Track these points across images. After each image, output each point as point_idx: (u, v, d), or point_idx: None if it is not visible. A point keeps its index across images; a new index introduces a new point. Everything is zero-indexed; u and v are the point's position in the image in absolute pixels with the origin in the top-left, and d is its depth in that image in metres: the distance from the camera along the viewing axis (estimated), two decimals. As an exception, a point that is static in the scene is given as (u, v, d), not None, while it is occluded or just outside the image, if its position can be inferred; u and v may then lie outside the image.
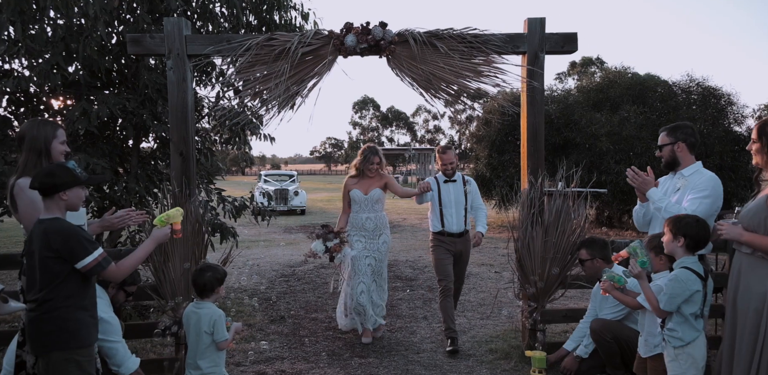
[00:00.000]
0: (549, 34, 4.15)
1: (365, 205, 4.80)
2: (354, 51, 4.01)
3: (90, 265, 2.32)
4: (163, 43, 3.93)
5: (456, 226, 4.79)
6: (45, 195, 2.36)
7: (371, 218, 4.81)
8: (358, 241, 4.76)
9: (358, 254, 4.70)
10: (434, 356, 4.44)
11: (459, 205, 4.82)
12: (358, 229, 4.80)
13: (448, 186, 4.87)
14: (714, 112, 12.21)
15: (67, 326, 2.35)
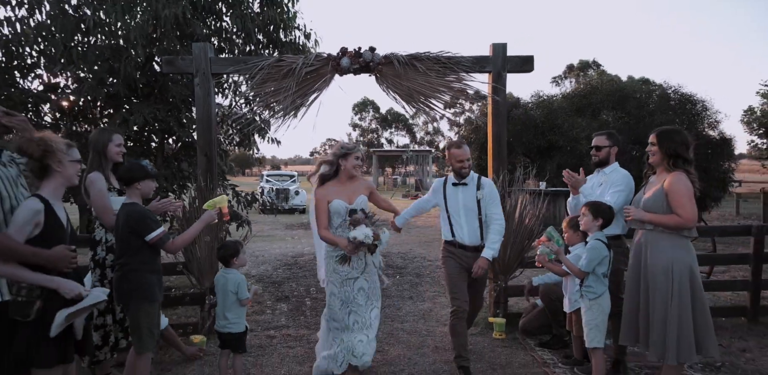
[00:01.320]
0: (510, 57, 5.02)
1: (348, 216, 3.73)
2: (348, 70, 4.88)
3: (155, 239, 3.15)
4: (191, 64, 4.80)
5: (468, 237, 3.97)
6: (126, 185, 3.22)
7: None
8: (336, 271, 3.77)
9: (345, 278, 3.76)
10: (415, 325, 5.30)
11: (470, 214, 3.98)
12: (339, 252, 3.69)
13: (457, 190, 4.03)
14: (689, 117, 13.09)
15: (140, 285, 3.18)
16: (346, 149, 3.80)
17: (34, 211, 2.57)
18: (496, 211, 4.04)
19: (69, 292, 2.58)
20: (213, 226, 4.66)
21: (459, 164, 4.01)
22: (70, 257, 2.66)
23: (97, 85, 5.17)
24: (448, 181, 4.11)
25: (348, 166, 3.79)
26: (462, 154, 4.00)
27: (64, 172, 2.71)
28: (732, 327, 5.13)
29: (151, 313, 3.24)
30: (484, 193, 4.00)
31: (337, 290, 3.75)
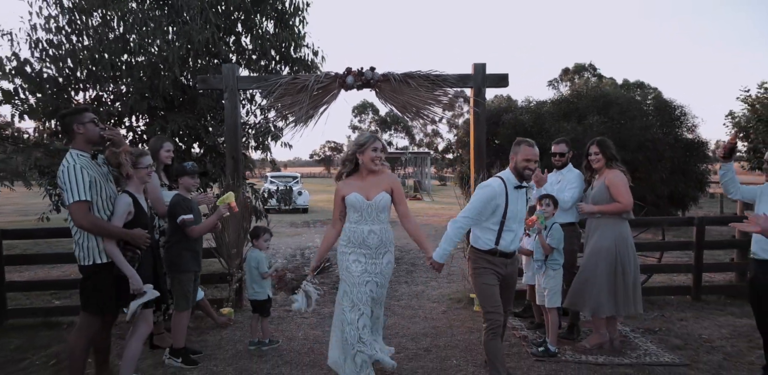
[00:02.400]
0: (489, 75, 5.95)
1: (368, 214, 3.65)
2: (352, 87, 5.80)
3: (180, 222, 4.11)
4: (221, 81, 5.73)
5: (513, 244, 3.70)
6: (174, 181, 4.18)
7: (375, 232, 3.66)
8: (357, 261, 3.66)
9: (358, 279, 3.62)
10: (409, 302, 6.22)
11: (521, 218, 3.72)
12: (357, 246, 3.66)
13: (519, 194, 3.65)
14: (667, 121, 14.04)
15: (176, 258, 4.14)
16: (360, 144, 3.66)
17: (127, 204, 3.50)
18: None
19: (135, 286, 3.42)
20: (239, 218, 5.58)
21: (525, 164, 3.56)
22: (145, 237, 3.57)
23: (140, 98, 6.10)
24: (507, 184, 3.57)
25: (365, 159, 3.63)
26: (534, 154, 3.57)
27: (137, 176, 3.64)
28: (677, 303, 6.06)
29: (183, 281, 4.19)
30: (531, 196, 3.95)
31: (349, 289, 3.62)
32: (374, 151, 3.64)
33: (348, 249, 3.71)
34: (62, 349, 4.50)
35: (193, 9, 6.29)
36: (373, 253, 3.67)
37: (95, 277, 3.47)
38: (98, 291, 3.46)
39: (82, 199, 3.38)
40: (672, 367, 4.12)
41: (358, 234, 3.67)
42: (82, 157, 3.54)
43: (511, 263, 3.76)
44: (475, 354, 4.41)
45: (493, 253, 3.64)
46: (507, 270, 3.71)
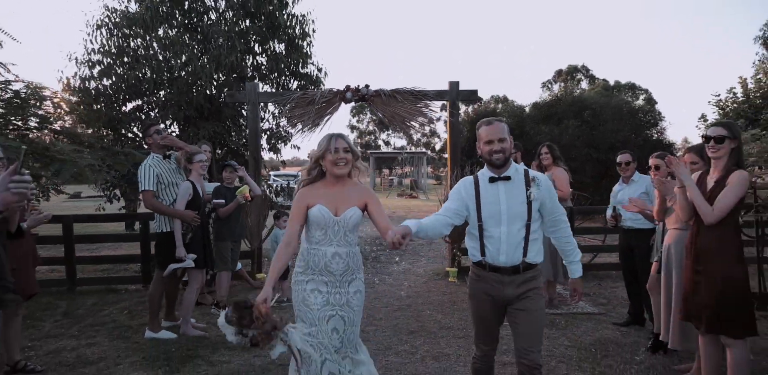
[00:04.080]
0: (461, 91, 7.34)
1: (335, 233, 2.88)
2: (351, 100, 7.18)
3: (213, 205, 5.48)
4: (245, 96, 7.11)
5: (506, 255, 2.75)
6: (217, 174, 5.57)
7: (341, 256, 2.88)
8: (316, 290, 2.87)
9: (317, 313, 2.84)
10: (398, 276, 7.59)
11: (515, 221, 2.74)
12: (318, 272, 2.87)
13: (496, 188, 2.78)
14: (637, 125, 15.46)
15: (216, 231, 5.53)
16: (321, 147, 2.88)
17: (186, 189, 4.87)
18: (559, 210, 2.84)
19: (178, 254, 4.73)
20: (259, 207, 6.96)
21: (488, 148, 2.72)
22: (193, 216, 4.91)
23: (178, 109, 7.49)
24: (481, 178, 2.80)
25: (327, 164, 2.86)
26: (490, 134, 2.72)
27: (194, 169, 5.01)
28: (615, 276, 7.43)
29: (221, 248, 5.58)
30: (541, 191, 2.73)
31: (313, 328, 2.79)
32: (335, 153, 2.82)
33: (305, 276, 2.86)
34: (129, 304, 5.88)
35: (221, 36, 7.67)
36: (336, 281, 2.84)
37: (164, 241, 4.84)
38: (163, 252, 4.83)
39: (147, 189, 4.77)
40: (591, 315, 5.50)
41: (319, 257, 2.82)
42: (155, 158, 4.92)
43: (513, 285, 2.72)
44: (444, 308, 5.79)
45: (482, 266, 2.79)
46: (506, 292, 2.73)
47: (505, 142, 2.72)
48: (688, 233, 3.35)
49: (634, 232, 4.93)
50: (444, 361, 4.17)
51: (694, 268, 3.20)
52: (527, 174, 2.78)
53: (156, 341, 4.67)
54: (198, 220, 4.98)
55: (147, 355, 4.34)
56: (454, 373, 3.94)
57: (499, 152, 2.70)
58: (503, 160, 2.72)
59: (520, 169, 2.79)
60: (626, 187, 5.35)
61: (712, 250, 3.12)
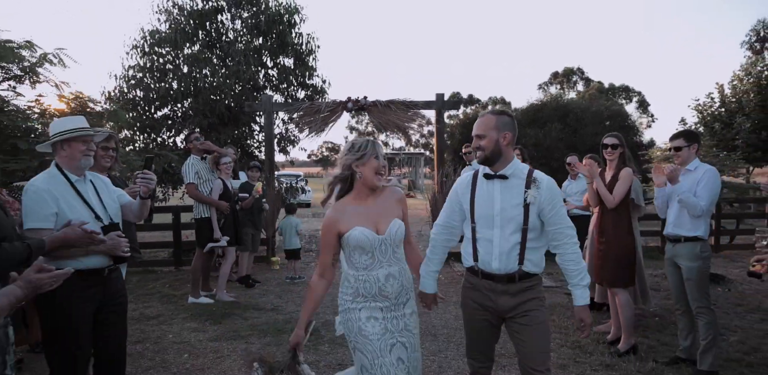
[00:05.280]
0: (446, 101, 8.57)
1: (383, 253, 2.48)
2: (351, 110, 8.40)
3: (237, 198, 6.68)
4: (261, 106, 8.33)
5: (498, 261, 2.49)
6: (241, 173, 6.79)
7: (395, 276, 2.50)
8: (372, 318, 2.49)
9: (378, 343, 2.45)
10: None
11: (509, 224, 2.47)
12: (371, 298, 2.50)
13: (492, 186, 2.52)
14: (618, 127, 16.69)
15: (242, 220, 6.73)
16: (361, 150, 2.47)
17: (219, 185, 6.08)
18: (565, 221, 2.50)
19: (215, 235, 5.96)
20: (276, 199, 8.18)
21: (475, 142, 2.52)
22: (226, 206, 6.13)
23: (203, 117, 8.72)
24: (480, 174, 2.58)
25: (367, 173, 2.46)
26: (474, 128, 2.55)
27: (222, 169, 6.22)
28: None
29: (242, 233, 6.72)
30: (541, 194, 2.44)
31: (369, 362, 2.44)
32: (378, 159, 2.47)
33: (356, 304, 2.52)
34: (168, 281, 7.11)
35: (238, 53, 8.91)
36: (392, 305, 2.51)
37: (203, 225, 6.05)
38: (203, 234, 6.04)
39: (191, 182, 5.99)
40: (549, 288, 6.70)
41: (371, 283, 2.47)
42: (194, 158, 6.14)
43: (506, 296, 2.49)
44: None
45: (474, 272, 2.57)
46: (500, 302, 2.50)
47: (482, 139, 2.45)
48: (595, 215, 4.57)
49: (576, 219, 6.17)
50: (423, 316, 5.38)
51: (600, 239, 4.43)
52: (530, 174, 2.45)
53: (198, 305, 5.89)
54: (229, 209, 6.20)
55: (193, 313, 5.56)
56: (428, 320, 5.17)
57: (478, 149, 2.49)
58: (482, 158, 2.48)
59: (522, 169, 2.48)
60: (574, 182, 6.57)
61: (611, 226, 4.35)
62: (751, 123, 19.13)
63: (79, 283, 2.46)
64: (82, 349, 2.68)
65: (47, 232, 2.54)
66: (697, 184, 3.82)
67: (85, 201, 2.74)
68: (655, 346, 4.45)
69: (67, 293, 2.36)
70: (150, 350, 4.46)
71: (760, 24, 33.26)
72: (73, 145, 2.73)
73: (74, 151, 2.74)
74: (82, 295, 2.61)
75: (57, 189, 2.67)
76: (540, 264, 2.54)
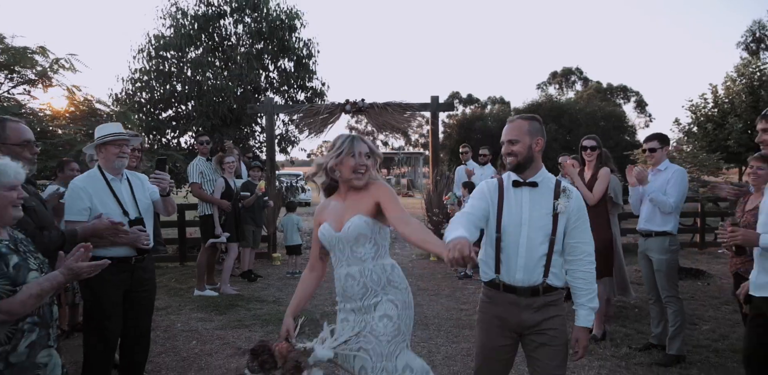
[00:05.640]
0: (441, 103, 8.89)
1: (341, 251, 2.40)
2: (349, 112, 8.73)
3: (238, 196, 7.00)
4: (263, 108, 8.65)
5: (523, 272, 2.38)
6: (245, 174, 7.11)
7: (354, 276, 2.38)
8: (344, 320, 2.43)
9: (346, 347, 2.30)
10: (388, 257, 9.13)
11: (537, 233, 2.37)
12: (342, 299, 2.47)
13: (520, 194, 2.43)
14: (611, 127, 17.03)
15: (243, 217, 7.06)
16: (337, 150, 2.38)
17: (221, 184, 6.40)
18: (586, 237, 2.42)
19: (216, 231, 6.28)
20: (277, 198, 8.50)
21: (503, 149, 2.45)
22: (227, 204, 6.46)
23: (206, 119, 9.06)
24: (505, 182, 2.47)
25: (344, 171, 2.37)
26: (504, 134, 2.46)
27: (225, 169, 6.54)
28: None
29: (244, 229, 7.05)
30: (571, 205, 2.36)
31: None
32: (356, 158, 2.35)
33: (339, 304, 2.49)
34: (174, 275, 7.43)
35: (241, 57, 9.24)
36: (361, 307, 2.37)
37: (206, 222, 6.37)
38: (206, 230, 6.37)
39: (194, 181, 6.32)
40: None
41: (338, 282, 2.44)
42: (200, 159, 6.47)
43: (529, 311, 2.37)
44: (423, 277, 7.34)
45: (495, 286, 2.43)
46: (523, 317, 2.37)
47: (516, 144, 2.37)
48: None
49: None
50: (416, 307, 5.68)
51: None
52: (558, 185, 2.39)
53: (203, 297, 6.21)
54: (230, 207, 6.53)
55: (200, 304, 5.89)
56: (421, 310, 5.51)
57: (510, 155, 2.40)
58: (514, 164, 2.39)
59: (550, 177, 2.42)
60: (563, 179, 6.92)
61: (591, 221, 4.66)
62: (743, 123, 19.48)
63: (109, 269, 2.80)
64: (109, 328, 3.06)
65: (81, 224, 2.90)
66: (667, 182, 4.16)
67: (117, 197, 3.09)
68: (632, 334, 4.78)
69: (98, 278, 2.69)
70: (161, 337, 4.79)
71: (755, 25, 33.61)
72: (108, 148, 3.10)
73: (109, 153, 3.12)
74: (111, 280, 2.96)
75: (93, 187, 3.06)
76: (562, 277, 2.42)
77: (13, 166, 2.11)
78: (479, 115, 18.49)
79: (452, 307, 5.75)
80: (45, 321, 2.17)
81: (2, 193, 2.08)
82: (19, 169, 2.12)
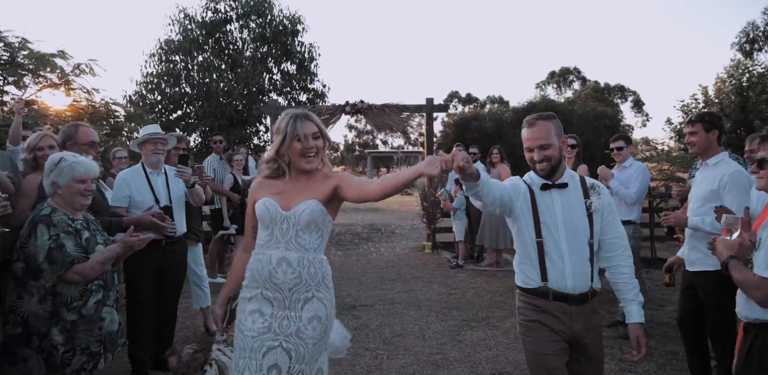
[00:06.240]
0: (435, 105, 9.44)
1: (283, 233, 2.15)
2: (349, 113, 9.28)
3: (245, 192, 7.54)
4: (269, 109, 9.20)
5: (573, 278, 2.24)
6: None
7: (290, 263, 2.14)
8: (256, 312, 2.15)
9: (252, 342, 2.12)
10: (386, 251, 9.67)
11: (576, 236, 2.26)
12: (262, 285, 2.16)
13: (551, 197, 2.30)
14: (602, 128, 17.60)
15: None
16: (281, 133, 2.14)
17: (230, 179, 6.94)
18: (620, 231, 2.33)
19: (224, 223, 6.85)
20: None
21: (528, 155, 2.31)
22: (236, 198, 7.00)
23: (214, 119, 9.61)
24: (531, 185, 2.33)
25: (293, 155, 2.15)
26: (529, 139, 2.29)
27: (234, 166, 7.08)
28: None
29: None
30: (601, 202, 2.28)
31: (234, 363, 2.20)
32: (302, 141, 2.12)
33: (248, 291, 2.19)
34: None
35: (246, 60, 9.79)
36: (285, 299, 2.13)
37: (216, 215, 6.92)
38: (215, 223, 6.92)
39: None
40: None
41: (263, 264, 2.14)
42: (214, 156, 7.03)
43: (579, 316, 2.24)
44: (418, 267, 7.89)
45: (543, 294, 2.26)
46: (574, 327, 2.23)
47: (549, 148, 2.21)
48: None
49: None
50: (410, 292, 6.27)
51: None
52: (584, 181, 2.29)
53: (214, 283, 6.75)
54: (239, 201, 7.07)
55: (212, 290, 6.41)
56: (414, 295, 6.06)
57: (543, 161, 2.22)
58: (548, 169, 2.24)
59: (573, 175, 2.32)
60: None
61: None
62: (732, 123, 20.06)
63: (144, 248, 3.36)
64: (145, 302, 3.67)
65: (122, 209, 3.56)
66: (630, 177, 4.73)
67: (152, 188, 3.67)
68: (603, 315, 5.33)
69: (135, 256, 3.24)
70: (181, 317, 5.31)
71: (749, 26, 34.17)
72: (146, 146, 3.71)
73: (146, 151, 3.75)
74: (144, 257, 3.50)
75: (133, 178, 3.68)
76: (598, 279, 2.31)
77: (85, 162, 2.66)
78: (475, 115, 19.03)
79: (443, 292, 6.30)
80: (107, 284, 2.72)
81: (72, 185, 2.63)
82: (92, 165, 2.67)
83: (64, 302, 2.54)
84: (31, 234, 2.52)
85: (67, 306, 2.54)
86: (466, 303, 5.79)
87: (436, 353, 4.30)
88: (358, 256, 9.05)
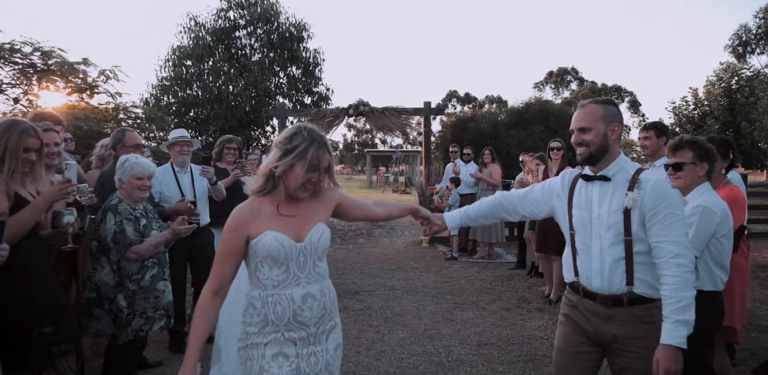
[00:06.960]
0: (433, 108, 10.06)
1: (300, 266, 1.93)
2: (352, 115, 9.90)
3: None
4: (276, 112, 9.81)
5: (600, 278, 2.11)
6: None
7: (315, 296, 1.95)
8: (280, 355, 1.91)
9: None
10: (388, 244, 10.29)
11: (609, 232, 2.08)
12: (284, 327, 1.91)
13: (591, 190, 2.16)
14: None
15: None
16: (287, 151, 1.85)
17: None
18: (670, 234, 1.99)
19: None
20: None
21: (572, 139, 2.14)
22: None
23: (225, 121, 10.23)
24: (568, 176, 2.28)
25: (291, 182, 1.87)
26: (574, 121, 2.15)
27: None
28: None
29: None
30: (643, 196, 2.02)
31: None
32: (312, 172, 1.86)
33: (263, 337, 1.92)
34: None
35: (254, 65, 10.40)
36: (310, 336, 1.94)
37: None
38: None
39: None
40: (505, 263, 8.16)
41: (284, 306, 1.90)
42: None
43: (615, 319, 2.08)
44: (416, 259, 8.50)
45: (575, 289, 2.20)
46: (604, 330, 2.10)
47: (588, 132, 2.07)
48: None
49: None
50: (409, 280, 6.89)
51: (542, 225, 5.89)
52: (637, 174, 2.07)
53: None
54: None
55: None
56: (412, 282, 6.68)
57: (581, 145, 2.10)
58: (586, 156, 2.10)
59: (629, 168, 2.10)
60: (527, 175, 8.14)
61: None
62: (720, 125, 20.69)
63: None
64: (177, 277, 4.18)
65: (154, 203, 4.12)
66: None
67: (179, 184, 4.26)
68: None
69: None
70: (202, 300, 5.96)
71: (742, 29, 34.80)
72: (174, 148, 4.29)
73: (174, 152, 4.31)
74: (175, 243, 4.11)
75: (163, 176, 4.26)
76: (645, 284, 2.05)
77: (144, 163, 3.26)
78: (472, 116, 19.61)
79: (438, 280, 6.92)
80: (161, 262, 3.33)
81: (132, 180, 3.23)
82: (149, 165, 3.27)
83: (126, 275, 3.14)
84: (102, 219, 3.12)
85: (129, 278, 3.14)
86: (459, 289, 6.41)
87: (430, 329, 4.91)
88: (360, 249, 9.67)
